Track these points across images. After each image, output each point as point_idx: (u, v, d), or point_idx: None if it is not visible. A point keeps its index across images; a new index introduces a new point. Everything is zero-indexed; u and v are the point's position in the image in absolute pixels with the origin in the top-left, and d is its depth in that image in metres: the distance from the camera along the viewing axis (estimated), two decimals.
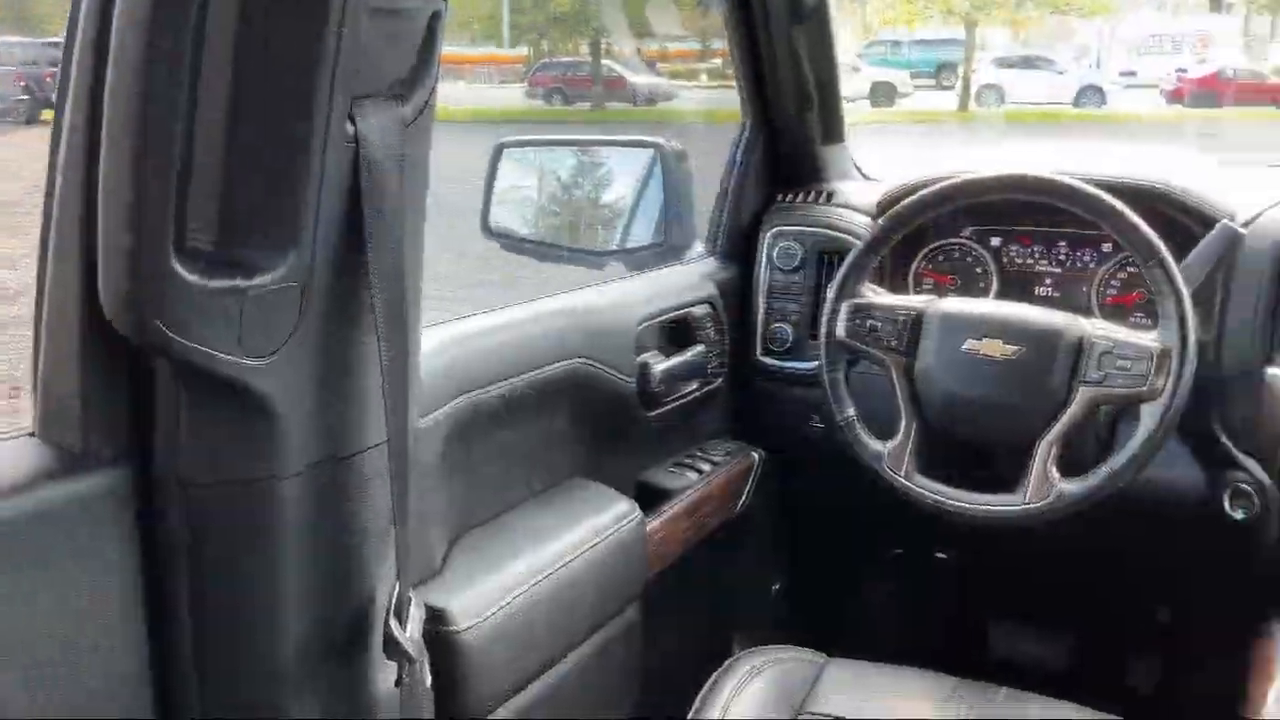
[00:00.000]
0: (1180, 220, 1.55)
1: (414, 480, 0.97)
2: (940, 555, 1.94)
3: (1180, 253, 1.40)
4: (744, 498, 1.78)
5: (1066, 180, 1.40)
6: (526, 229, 2.04)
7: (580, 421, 1.47)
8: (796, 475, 1.90)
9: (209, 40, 0.75)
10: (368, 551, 0.97)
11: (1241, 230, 1.40)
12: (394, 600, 0.97)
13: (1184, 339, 1.31)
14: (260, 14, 0.76)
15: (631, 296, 1.60)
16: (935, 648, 2.07)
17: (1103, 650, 2.02)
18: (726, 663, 1.44)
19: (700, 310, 1.70)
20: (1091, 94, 19.95)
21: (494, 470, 1.33)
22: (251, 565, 0.89)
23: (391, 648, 0.96)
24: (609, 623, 1.43)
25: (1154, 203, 1.55)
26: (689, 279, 1.75)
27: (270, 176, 0.81)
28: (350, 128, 0.83)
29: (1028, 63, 21.17)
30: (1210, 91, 19.47)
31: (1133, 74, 22.74)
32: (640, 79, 18.37)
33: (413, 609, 0.99)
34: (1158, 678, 1.94)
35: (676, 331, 1.67)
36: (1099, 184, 1.43)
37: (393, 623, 0.95)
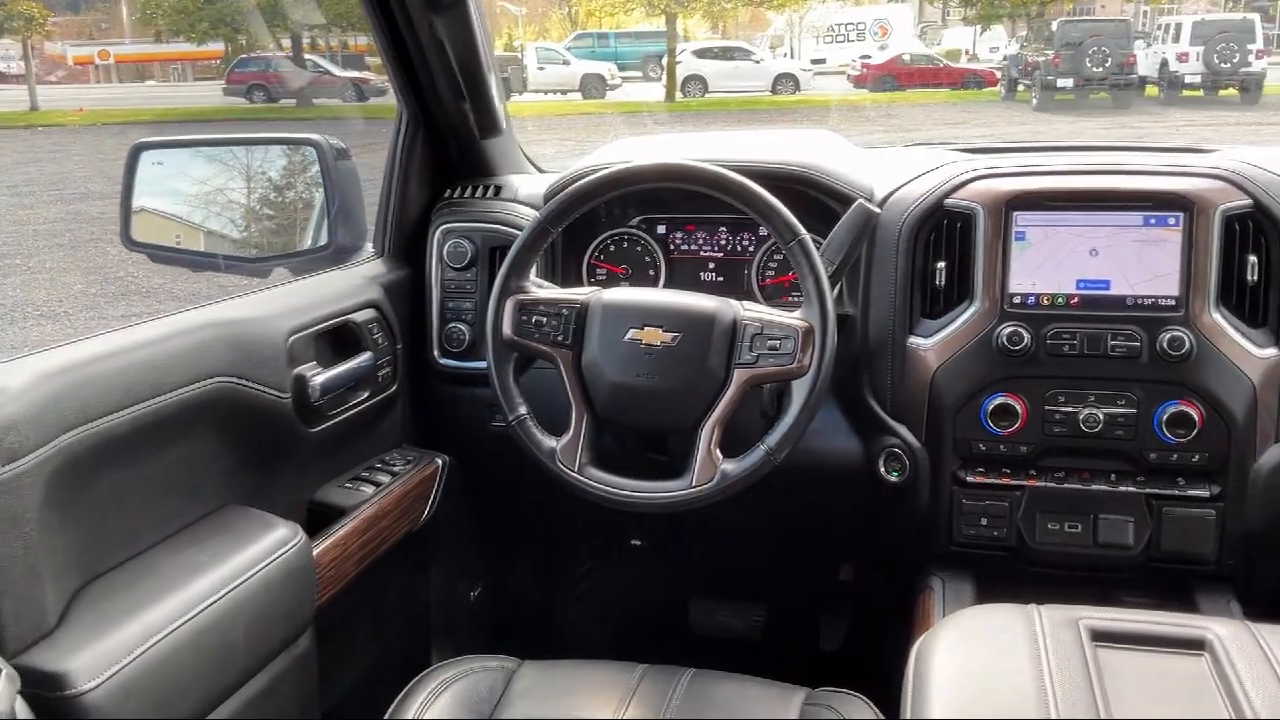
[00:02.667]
0: (824, 202, 1.62)
1: (8, 532, 0.84)
2: (636, 543, 1.95)
3: (827, 233, 1.46)
4: (430, 505, 1.71)
5: (710, 168, 1.42)
6: (177, 238, 1.88)
7: (231, 445, 1.36)
8: (484, 477, 1.86)
9: None
10: None
11: (876, 209, 1.47)
12: None
13: (824, 316, 1.36)
14: None
15: (282, 306, 1.49)
16: (639, 635, 2.09)
17: (795, 616, 2.10)
18: (416, 678, 1.38)
19: (364, 316, 1.62)
20: (786, 81, 21.14)
21: (125, 508, 1.20)
22: None
23: None
24: (277, 658, 1.33)
25: (798, 185, 1.61)
26: (351, 283, 1.66)
27: None
28: None
29: (727, 53, 22.16)
30: (890, 76, 21.08)
31: (823, 61, 24.29)
32: (350, 74, 17.82)
33: (1, 680, 0.87)
34: (844, 636, 2.04)
35: (340, 340, 1.58)
36: (746, 170, 1.46)
37: None
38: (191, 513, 1.31)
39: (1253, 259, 1.47)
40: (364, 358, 1.60)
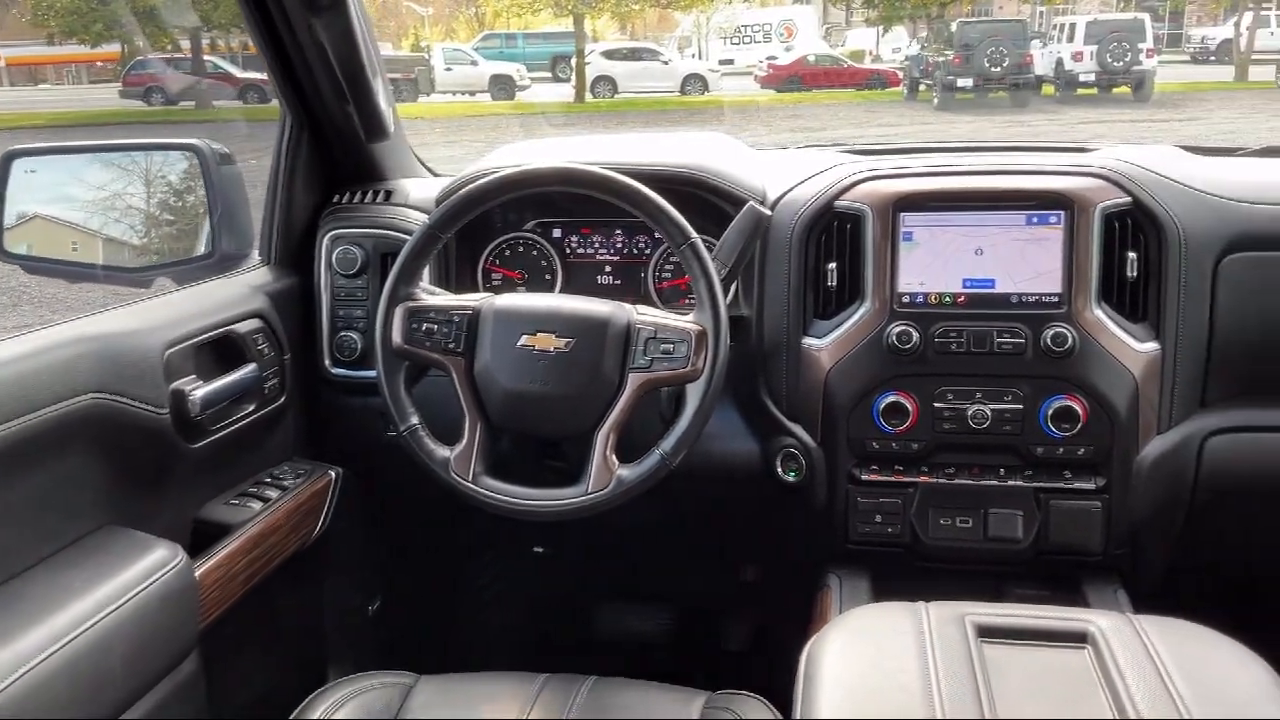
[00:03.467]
0: (716, 204, 1.62)
1: None
2: (539, 550, 1.93)
3: (720, 235, 1.46)
4: (323, 520, 1.67)
5: (601, 171, 1.41)
6: (53, 248, 1.81)
7: (108, 464, 1.31)
8: (381, 488, 1.82)
9: None
10: None
11: (767, 211, 1.47)
12: None
13: (716, 319, 1.35)
14: None
15: (159, 318, 1.43)
16: (544, 643, 2.07)
17: (701, 618, 2.10)
18: (309, 697, 1.35)
19: (248, 326, 1.57)
20: (695, 82, 21.27)
21: None
22: None
23: None
24: (159, 684, 1.28)
25: (689, 188, 1.61)
26: (234, 292, 1.61)
27: None
28: None
29: (635, 54, 22.22)
30: (796, 77, 21.36)
31: (730, 62, 24.51)
32: (250, 76, 17.44)
33: None
34: (749, 637, 2.05)
35: (223, 351, 1.53)
36: (637, 173, 1.45)
37: None
38: (66, 535, 1.26)
39: (1132, 255, 1.51)
40: (249, 369, 1.55)
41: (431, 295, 1.47)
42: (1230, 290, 1.49)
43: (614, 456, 1.36)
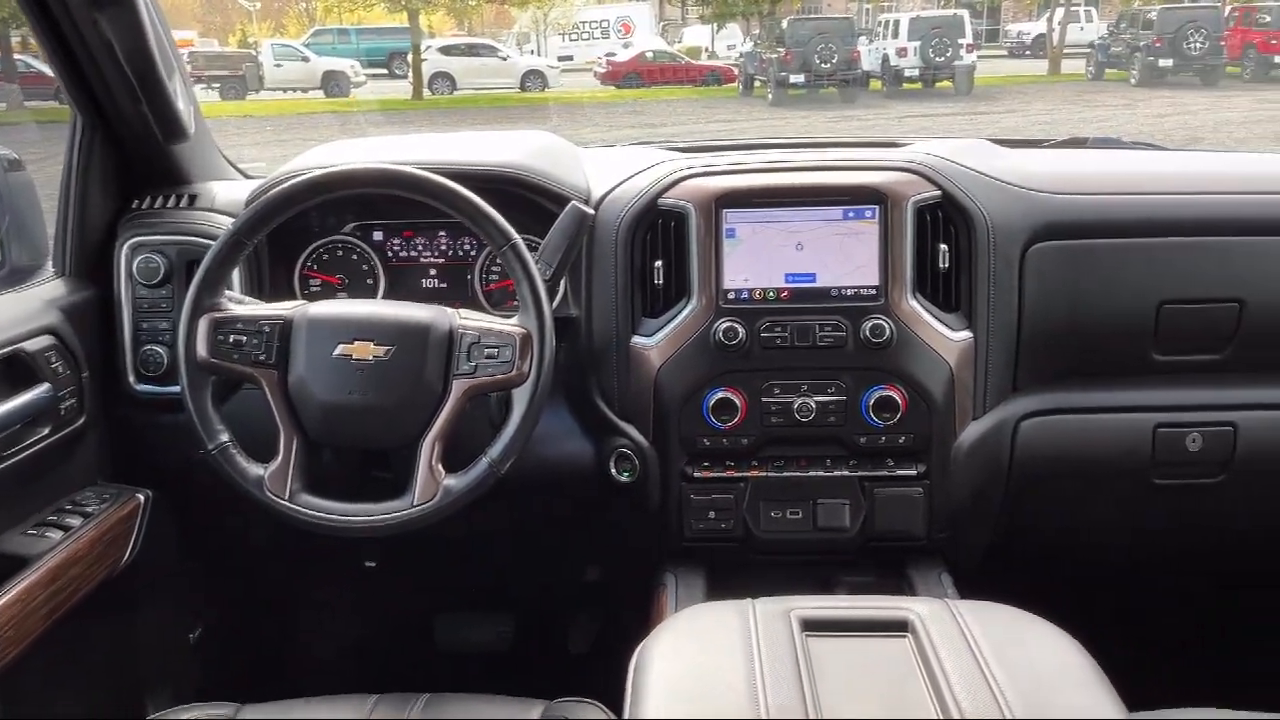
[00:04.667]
0: (540, 204, 1.59)
1: None
2: (370, 565, 1.87)
3: (545, 236, 1.43)
4: (132, 546, 1.57)
5: (416, 172, 1.36)
6: None
7: None
8: (196, 510, 1.72)
9: None
10: None
11: (590, 210, 1.46)
12: None
13: (541, 321, 1.33)
14: None
15: None
16: (380, 662, 2.01)
17: (544, 623, 2.08)
18: None
19: (39, 343, 1.46)
20: (535, 78, 21.20)
21: None
22: None
23: None
24: None
25: (511, 188, 1.58)
26: (22, 308, 1.49)
27: None
28: None
29: (473, 50, 22.00)
30: (635, 73, 21.53)
31: (570, 59, 24.53)
32: None
33: None
34: (593, 639, 2.03)
35: (10, 372, 1.42)
36: (455, 173, 1.41)
37: None
38: None
39: (943, 247, 1.55)
40: (41, 390, 1.44)
41: (239, 305, 1.39)
42: (1037, 279, 1.55)
43: (440, 466, 1.32)
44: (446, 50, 21.69)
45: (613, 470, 1.59)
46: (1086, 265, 1.55)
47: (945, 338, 1.54)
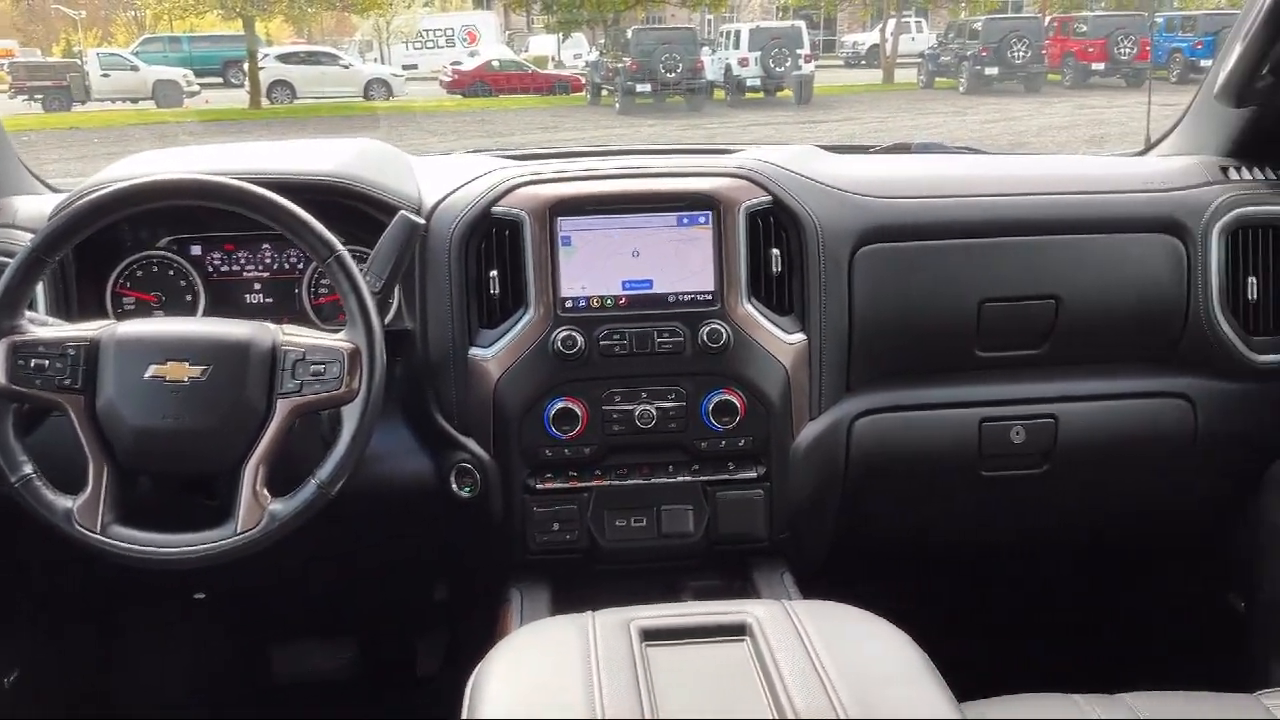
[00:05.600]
0: (369, 214, 1.55)
1: None
2: (199, 597, 1.78)
3: (374, 247, 1.39)
4: None
5: (232, 182, 1.31)
6: None
7: None
8: (7, 545, 1.61)
9: None
10: None
11: (420, 220, 1.42)
12: None
13: (369, 335, 1.29)
14: None
15: None
16: (214, 699, 1.91)
17: (390, 645, 2.02)
18: None
19: None
20: (379, 86, 20.77)
21: None
22: None
23: None
24: None
25: (336, 198, 1.53)
26: None
27: None
28: None
29: (314, 58, 21.41)
30: (482, 82, 21.34)
31: (415, 67, 24.12)
32: None
33: None
34: (443, 658, 1.99)
35: None
36: (277, 183, 1.36)
37: None
38: None
39: (776, 252, 1.57)
40: None
41: (41, 327, 1.31)
42: (865, 281, 1.59)
43: (265, 490, 1.27)
44: (285, 58, 21.05)
45: (454, 486, 1.56)
46: (912, 267, 1.60)
47: (780, 340, 1.56)
